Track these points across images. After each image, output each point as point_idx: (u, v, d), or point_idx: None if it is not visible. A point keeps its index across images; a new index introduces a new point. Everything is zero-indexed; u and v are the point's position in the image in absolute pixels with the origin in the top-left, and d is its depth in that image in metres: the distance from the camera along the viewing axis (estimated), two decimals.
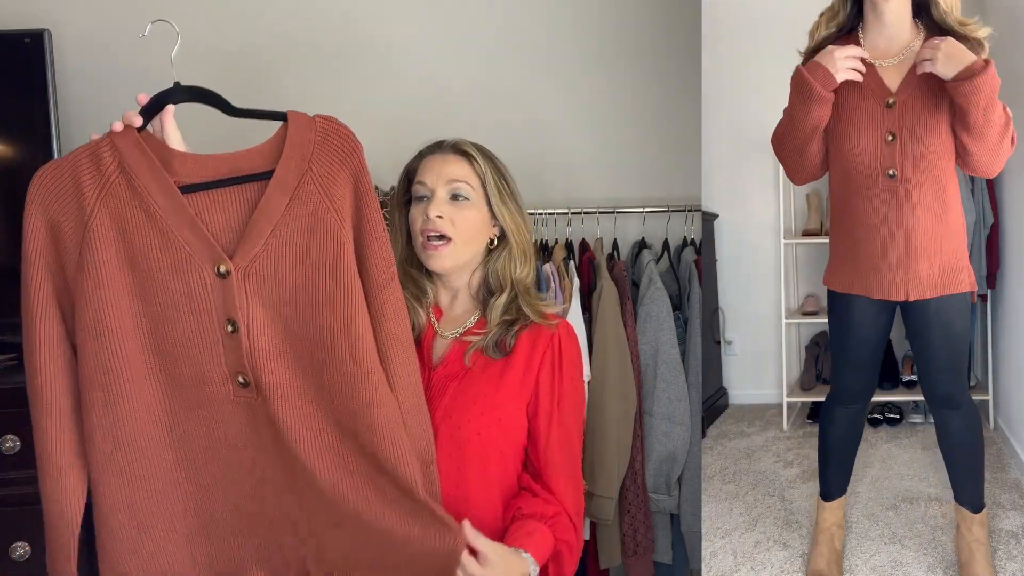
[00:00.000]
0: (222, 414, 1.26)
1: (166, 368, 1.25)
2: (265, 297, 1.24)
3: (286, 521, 1.30)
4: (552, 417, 1.45)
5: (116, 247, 1.23)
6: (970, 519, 1.99)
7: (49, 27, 2.21)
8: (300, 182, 1.25)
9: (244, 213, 1.25)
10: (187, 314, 1.24)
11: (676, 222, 2.42)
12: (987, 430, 2.95)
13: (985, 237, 2.76)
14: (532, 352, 1.45)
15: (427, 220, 1.44)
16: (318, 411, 1.25)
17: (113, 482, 1.25)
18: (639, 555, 2.22)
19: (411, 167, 1.52)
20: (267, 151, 1.26)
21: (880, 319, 1.94)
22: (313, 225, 1.24)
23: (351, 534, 1.27)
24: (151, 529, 1.27)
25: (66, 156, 1.25)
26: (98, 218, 1.22)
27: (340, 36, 2.44)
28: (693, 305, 2.29)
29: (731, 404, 3.47)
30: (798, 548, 2.15)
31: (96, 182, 1.22)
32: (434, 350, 1.48)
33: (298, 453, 1.24)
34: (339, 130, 1.28)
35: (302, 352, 1.25)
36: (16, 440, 1.91)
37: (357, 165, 1.27)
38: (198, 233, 1.23)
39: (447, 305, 1.52)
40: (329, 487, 1.25)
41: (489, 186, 1.48)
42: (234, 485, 1.28)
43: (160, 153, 1.25)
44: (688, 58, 2.42)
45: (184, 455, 1.27)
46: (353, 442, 1.25)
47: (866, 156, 1.80)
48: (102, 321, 1.21)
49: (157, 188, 1.23)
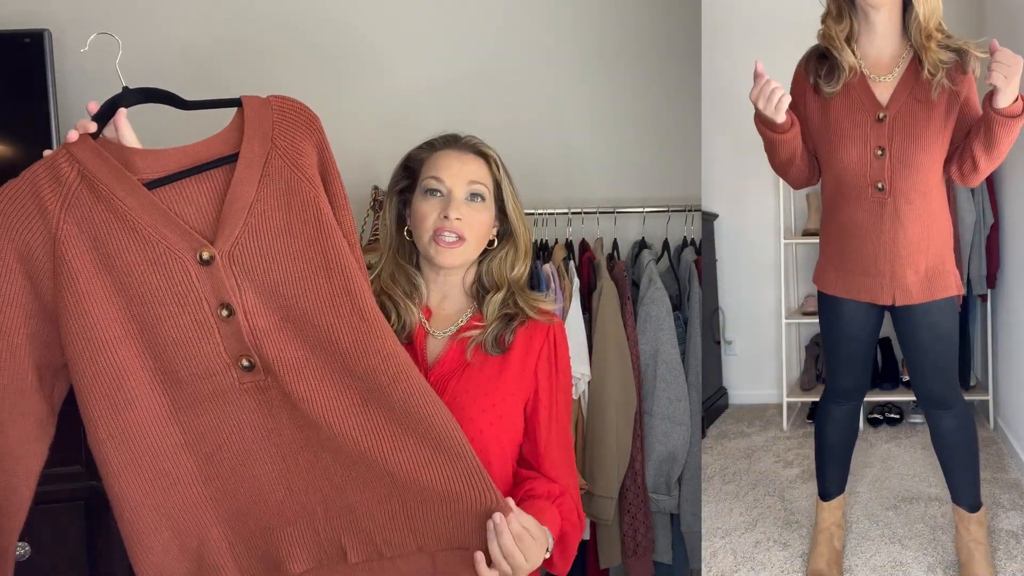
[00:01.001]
0: (230, 405, 1.25)
1: (163, 369, 1.23)
2: (255, 276, 1.23)
3: (316, 501, 1.28)
4: (552, 412, 1.46)
5: (90, 255, 1.20)
6: (968, 519, 2.00)
7: (49, 27, 2.21)
8: (267, 158, 1.24)
9: (215, 199, 1.23)
10: (175, 308, 1.22)
11: (676, 222, 2.42)
12: (987, 430, 2.95)
13: (985, 237, 2.76)
14: (528, 348, 1.45)
15: (444, 220, 1.42)
16: (332, 376, 1.24)
17: (136, 487, 1.23)
18: (639, 555, 2.22)
19: (418, 156, 1.50)
20: (227, 136, 1.26)
21: (869, 320, 1.97)
22: (289, 197, 1.24)
23: (386, 498, 1.25)
24: (185, 528, 1.26)
25: (22, 174, 1.21)
26: (65, 229, 1.19)
27: (339, 35, 2.44)
28: (693, 305, 2.29)
29: (731, 404, 3.47)
30: (798, 548, 2.15)
31: (57, 194, 1.20)
32: (428, 350, 1.46)
33: (321, 423, 1.23)
34: (295, 105, 1.28)
35: (303, 323, 1.24)
36: None
37: (319, 137, 1.27)
38: (172, 225, 1.21)
39: (437, 303, 1.50)
40: (357, 452, 1.23)
41: (505, 191, 1.48)
42: (255, 479, 1.27)
43: (119, 155, 1.23)
44: (688, 58, 2.42)
45: (200, 456, 1.26)
46: (377, 399, 1.24)
47: (856, 168, 1.82)
48: (90, 332, 1.19)
49: (122, 188, 1.20)
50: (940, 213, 1.86)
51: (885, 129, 1.80)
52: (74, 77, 2.34)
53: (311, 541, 1.29)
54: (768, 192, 3.32)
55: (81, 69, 2.35)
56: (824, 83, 1.82)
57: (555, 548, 1.37)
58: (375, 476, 1.25)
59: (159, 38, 2.31)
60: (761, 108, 1.74)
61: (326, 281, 1.24)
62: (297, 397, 1.23)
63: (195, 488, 1.26)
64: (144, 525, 1.24)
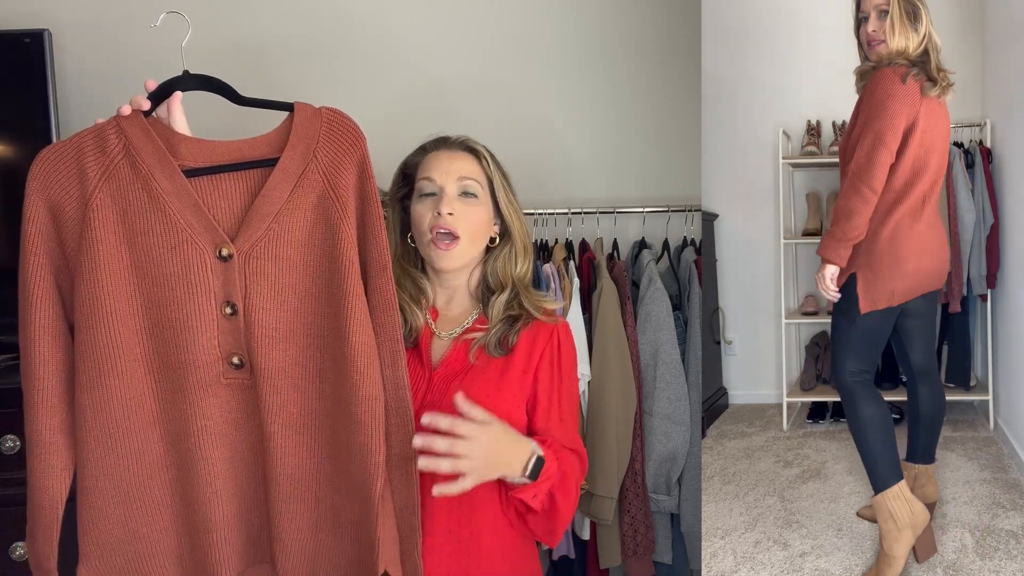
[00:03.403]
0: (210, 397, 1.27)
1: (157, 350, 1.26)
2: (265, 281, 1.25)
3: (260, 510, 1.31)
4: (550, 413, 1.45)
5: (115, 227, 1.23)
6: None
7: (49, 27, 2.21)
8: (305, 170, 1.26)
9: (247, 198, 1.26)
10: (183, 295, 1.24)
11: (676, 222, 2.42)
12: (987, 430, 2.95)
13: (985, 237, 2.76)
14: (532, 349, 1.45)
15: (437, 216, 1.43)
16: (301, 397, 1.28)
17: (98, 452, 1.26)
18: (639, 555, 2.21)
19: (412, 162, 1.52)
20: (273, 139, 1.28)
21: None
22: (316, 213, 1.26)
23: (307, 520, 1.30)
24: (134, 502, 1.28)
25: (70, 138, 1.26)
26: (99, 198, 1.23)
27: (340, 33, 2.44)
28: (693, 305, 2.29)
29: (731, 404, 3.47)
30: (798, 548, 2.15)
31: (100, 163, 1.24)
32: (433, 350, 1.47)
33: (271, 433, 1.27)
34: (344, 121, 1.30)
35: (298, 337, 1.27)
36: (16, 440, 1.91)
37: (361, 155, 1.29)
38: (200, 216, 1.24)
39: (443, 305, 1.52)
40: (293, 469, 1.28)
41: (496, 185, 1.48)
42: (210, 474, 1.28)
43: (166, 137, 1.26)
44: (688, 58, 2.42)
45: (169, 440, 1.28)
46: (328, 432, 1.28)
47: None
48: (98, 301, 1.22)
49: (161, 171, 1.24)
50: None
51: None
52: (74, 77, 2.34)
53: (242, 549, 1.32)
54: (768, 192, 3.32)
55: (81, 69, 2.35)
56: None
57: (557, 488, 1.36)
58: (304, 500, 1.30)
59: (157, 38, 2.31)
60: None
61: (326, 304, 1.27)
62: (264, 405, 1.27)
63: (158, 471, 1.29)
64: (102, 498, 1.27)
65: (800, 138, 3.23)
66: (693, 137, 2.43)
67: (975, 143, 2.85)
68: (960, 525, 2.22)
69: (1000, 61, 2.83)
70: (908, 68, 1.89)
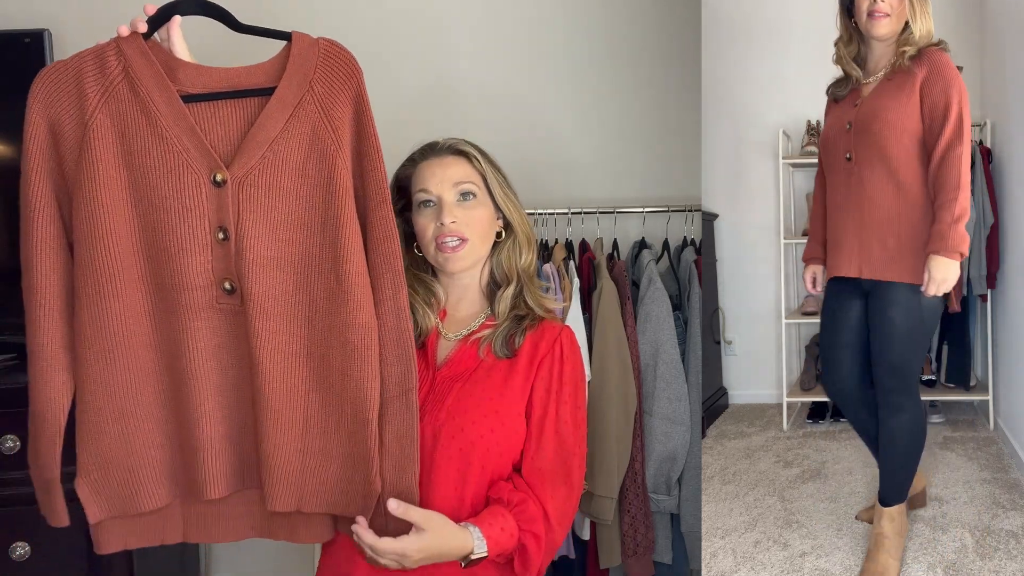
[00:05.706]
0: (201, 320, 1.28)
1: (153, 272, 1.27)
2: (258, 209, 1.26)
3: (250, 436, 1.32)
4: (544, 422, 1.43)
5: (114, 149, 1.25)
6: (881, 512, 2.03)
7: (49, 27, 2.22)
8: (301, 101, 1.27)
9: (243, 126, 1.27)
10: (177, 219, 1.25)
11: (676, 222, 2.42)
12: (987, 430, 2.96)
13: (985, 237, 2.76)
14: (534, 356, 1.45)
15: (441, 227, 1.43)
16: (291, 325, 1.29)
17: (97, 368, 1.27)
18: (639, 555, 2.21)
19: (404, 174, 1.51)
20: (270, 68, 1.29)
21: (851, 301, 2.01)
22: (310, 143, 1.27)
23: (294, 447, 1.31)
24: (131, 417, 1.29)
25: (70, 57, 1.27)
26: (99, 119, 1.24)
27: (340, 33, 2.43)
28: (693, 305, 2.29)
29: (731, 404, 3.47)
30: (798, 548, 2.15)
31: (100, 84, 1.25)
32: (439, 350, 1.47)
33: (260, 359, 1.28)
34: (341, 53, 1.31)
35: (290, 266, 1.28)
36: (16, 440, 1.91)
37: (357, 87, 1.29)
38: (196, 141, 1.25)
39: (454, 305, 1.52)
40: (283, 395, 1.29)
41: (491, 182, 1.48)
42: (200, 394, 1.29)
43: (165, 62, 1.27)
44: (688, 58, 2.42)
45: (165, 358, 1.30)
46: (318, 360, 1.29)
47: (831, 144, 2.03)
48: (97, 220, 1.23)
49: (159, 95, 1.25)
50: (911, 191, 1.89)
51: (855, 111, 1.96)
52: None
53: (231, 472, 1.33)
54: (768, 192, 3.32)
55: None
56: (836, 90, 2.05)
57: (516, 559, 1.36)
58: (290, 427, 1.30)
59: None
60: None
61: (319, 233, 1.28)
62: (253, 332, 1.27)
63: (153, 387, 1.30)
64: (100, 413, 1.28)
65: (800, 138, 3.23)
66: (693, 137, 2.43)
67: (975, 143, 2.85)
68: (960, 525, 2.22)
69: (1000, 61, 2.83)
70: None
